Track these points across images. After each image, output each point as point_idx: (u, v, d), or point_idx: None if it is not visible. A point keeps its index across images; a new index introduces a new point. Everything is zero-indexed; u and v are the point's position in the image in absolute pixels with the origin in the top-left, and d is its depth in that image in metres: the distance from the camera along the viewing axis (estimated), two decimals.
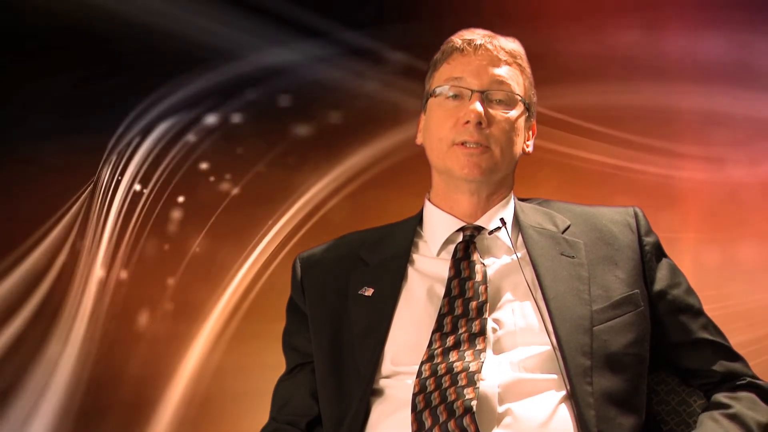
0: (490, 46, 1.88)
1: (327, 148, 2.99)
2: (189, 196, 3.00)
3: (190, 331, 2.95)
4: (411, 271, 1.87)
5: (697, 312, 1.87)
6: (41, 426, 2.90)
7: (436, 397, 1.66)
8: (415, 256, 1.90)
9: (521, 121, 1.89)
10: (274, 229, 2.98)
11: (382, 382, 1.77)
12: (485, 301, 1.77)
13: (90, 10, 2.96)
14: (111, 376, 2.93)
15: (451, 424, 1.62)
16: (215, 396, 2.92)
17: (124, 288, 2.97)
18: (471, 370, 1.67)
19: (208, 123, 3.02)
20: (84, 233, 2.98)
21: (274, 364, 2.00)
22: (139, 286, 2.98)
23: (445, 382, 1.67)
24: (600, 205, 1.96)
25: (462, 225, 1.89)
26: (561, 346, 1.72)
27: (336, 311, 1.87)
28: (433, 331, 1.76)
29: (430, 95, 1.92)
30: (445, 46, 1.93)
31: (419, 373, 1.70)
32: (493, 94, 1.86)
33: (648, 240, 1.88)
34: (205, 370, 2.94)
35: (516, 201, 1.95)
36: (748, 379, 1.84)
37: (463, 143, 1.84)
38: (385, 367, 1.77)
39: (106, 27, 2.97)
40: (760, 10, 2.79)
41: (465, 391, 1.64)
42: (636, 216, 1.91)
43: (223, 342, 2.95)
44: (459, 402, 1.63)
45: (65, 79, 3.02)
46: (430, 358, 1.72)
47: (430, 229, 1.93)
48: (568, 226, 1.89)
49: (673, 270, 1.89)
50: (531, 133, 1.95)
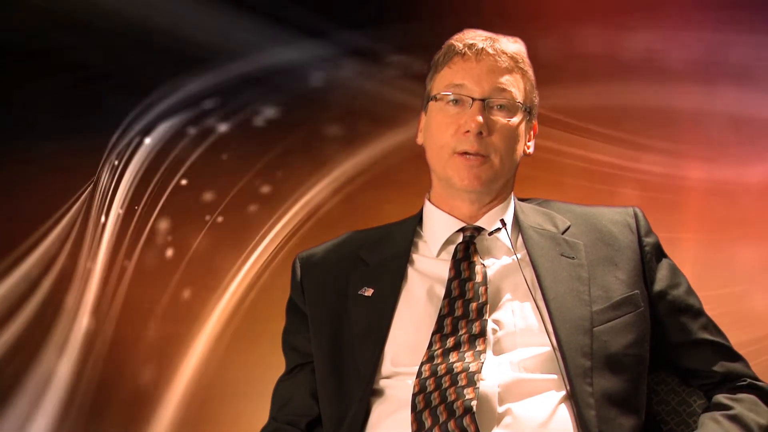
0: (491, 51, 1.87)
1: (327, 148, 2.99)
2: (189, 196, 3.00)
3: (190, 331, 2.95)
4: (411, 271, 1.87)
5: (697, 312, 1.87)
6: (41, 426, 2.89)
7: (436, 397, 1.66)
8: (415, 257, 1.90)
9: (522, 126, 1.89)
10: (274, 230, 2.98)
11: (382, 383, 1.77)
12: (485, 303, 1.77)
13: (90, 10, 2.96)
14: (111, 376, 2.93)
15: (451, 424, 1.62)
16: (215, 396, 2.92)
17: (124, 288, 2.97)
18: (471, 370, 1.67)
19: (207, 122, 3.02)
20: (84, 233, 2.98)
21: (274, 363, 2.00)
22: (140, 285, 2.97)
23: (445, 382, 1.67)
24: (600, 206, 1.96)
25: (462, 226, 1.89)
26: (561, 346, 1.72)
27: (336, 311, 1.87)
28: (434, 333, 1.76)
29: (431, 98, 1.92)
30: (447, 47, 1.92)
31: (419, 373, 1.70)
32: (494, 101, 1.86)
33: (648, 240, 1.88)
34: (206, 370, 2.94)
35: (516, 201, 1.95)
36: (749, 380, 1.83)
37: (464, 153, 1.84)
38: (385, 367, 1.77)
39: (106, 27, 2.97)
40: (760, 11, 2.79)
41: (465, 391, 1.64)
42: (636, 216, 1.91)
43: (223, 342, 2.95)
44: (459, 402, 1.63)
45: (65, 79, 3.01)
46: (430, 359, 1.72)
47: (430, 229, 1.93)
48: (568, 227, 1.89)
49: (674, 270, 1.89)
50: (532, 134, 1.95)
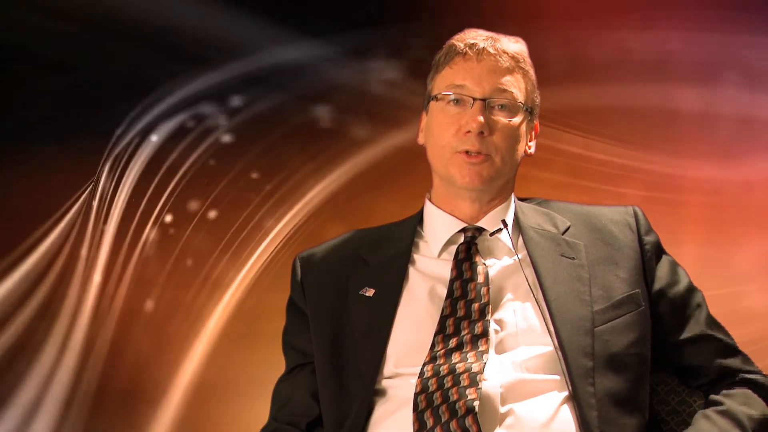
0: (492, 51, 1.87)
1: (327, 148, 2.99)
2: (189, 195, 3.00)
3: (190, 331, 2.95)
4: (412, 271, 1.87)
5: (697, 309, 1.87)
6: (41, 426, 2.89)
7: (438, 397, 1.66)
8: (415, 257, 1.90)
9: (523, 126, 1.89)
10: (274, 230, 2.98)
11: (384, 382, 1.77)
12: (487, 303, 1.77)
13: (90, 10, 2.96)
14: (111, 376, 2.93)
15: (453, 424, 1.62)
16: (215, 396, 2.92)
17: (124, 288, 2.97)
18: (473, 370, 1.67)
19: (207, 122, 3.02)
20: (84, 233, 2.98)
21: (274, 363, 2.00)
22: (140, 285, 2.97)
23: (448, 382, 1.67)
24: (599, 205, 1.96)
25: (463, 226, 1.89)
26: (562, 347, 1.72)
27: (336, 311, 1.87)
28: (436, 333, 1.76)
29: (432, 98, 1.92)
30: (448, 47, 1.92)
31: (421, 373, 1.70)
32: (495, 101, 1.86)
33: (648, 239, 1.88)
34: (205, 370, 2.94)
35: (516, 202, 1.95)
36: (743, 375, 1.83)
37: (465, 152, 1.85)
38: (388, 367, 1.77)
39: (106, 26, 2.97)
40: (761, 11, 2.79)
41: (467, 391, 1.64)
42: (635, 215, 1.91)
43: (223, 342, 2.95)
44: (461, 402, 1.63)
45: (65, 79, 3.01)
46: (432, 359, 1.72)
47: (431, 229, 1.93)
48: (568, 227, 1.89)
49: (674, 267, 1.89)
50: (533, 134, 1.95)
